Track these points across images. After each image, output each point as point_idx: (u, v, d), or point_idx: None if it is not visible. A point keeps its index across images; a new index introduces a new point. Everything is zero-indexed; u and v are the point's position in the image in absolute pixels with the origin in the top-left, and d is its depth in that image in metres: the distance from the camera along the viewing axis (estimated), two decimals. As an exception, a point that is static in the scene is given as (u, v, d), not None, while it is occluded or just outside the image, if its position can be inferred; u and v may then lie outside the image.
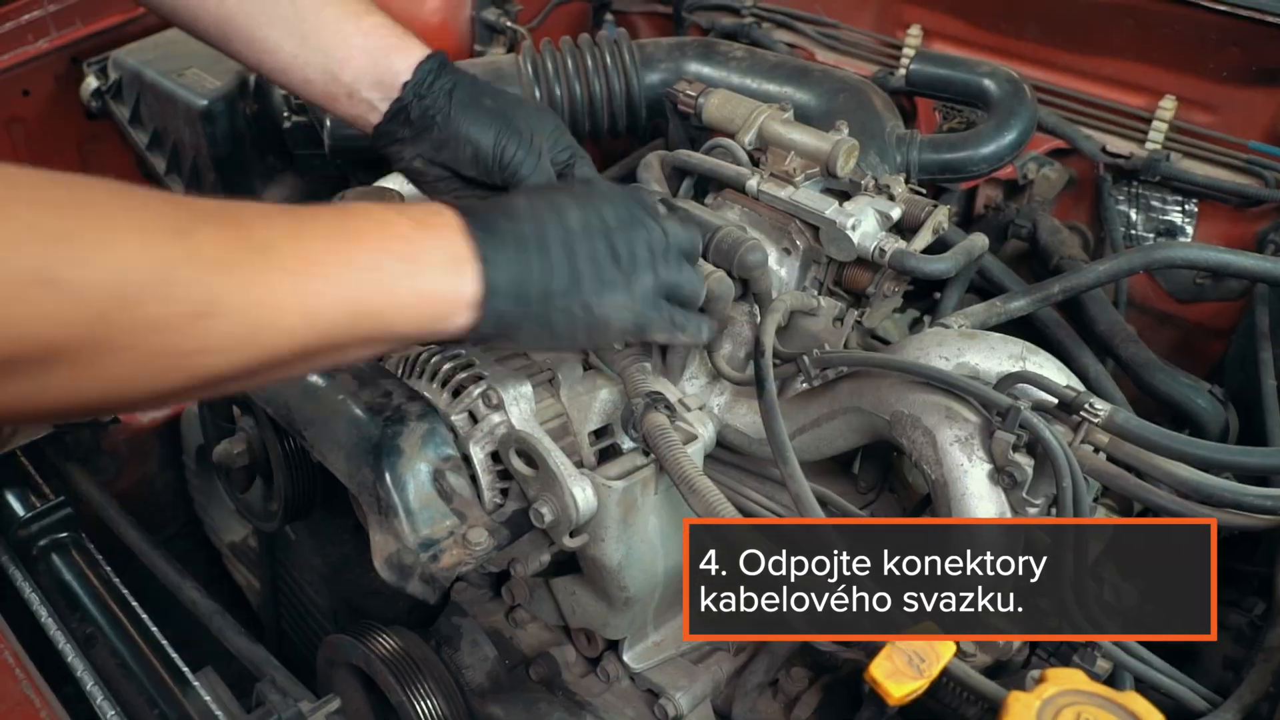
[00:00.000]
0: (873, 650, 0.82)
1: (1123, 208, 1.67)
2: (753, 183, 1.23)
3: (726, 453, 1.23)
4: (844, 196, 1.23)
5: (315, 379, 1.03)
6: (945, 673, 0.80)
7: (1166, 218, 1.64)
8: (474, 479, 1.02)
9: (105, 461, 1.77)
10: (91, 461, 1.69)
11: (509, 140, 1.05)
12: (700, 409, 1.09)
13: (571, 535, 0.98)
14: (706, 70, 1.58)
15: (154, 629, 0.95)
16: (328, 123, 1.63)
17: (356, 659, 1.20)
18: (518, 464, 0.98)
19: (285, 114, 1.78)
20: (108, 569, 1.01)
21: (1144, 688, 0.98)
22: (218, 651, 1.32)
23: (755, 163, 1.29)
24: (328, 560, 1.44)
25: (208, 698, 0.89)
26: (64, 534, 1.03)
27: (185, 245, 0.61)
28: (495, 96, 1.07)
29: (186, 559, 1.91)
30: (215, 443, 1.26)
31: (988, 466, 0.96)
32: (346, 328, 0.71)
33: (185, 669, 0.91)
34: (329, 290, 0.68)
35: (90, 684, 0.89)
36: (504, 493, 1.03)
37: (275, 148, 1.83)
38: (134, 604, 0.97)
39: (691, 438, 1.03)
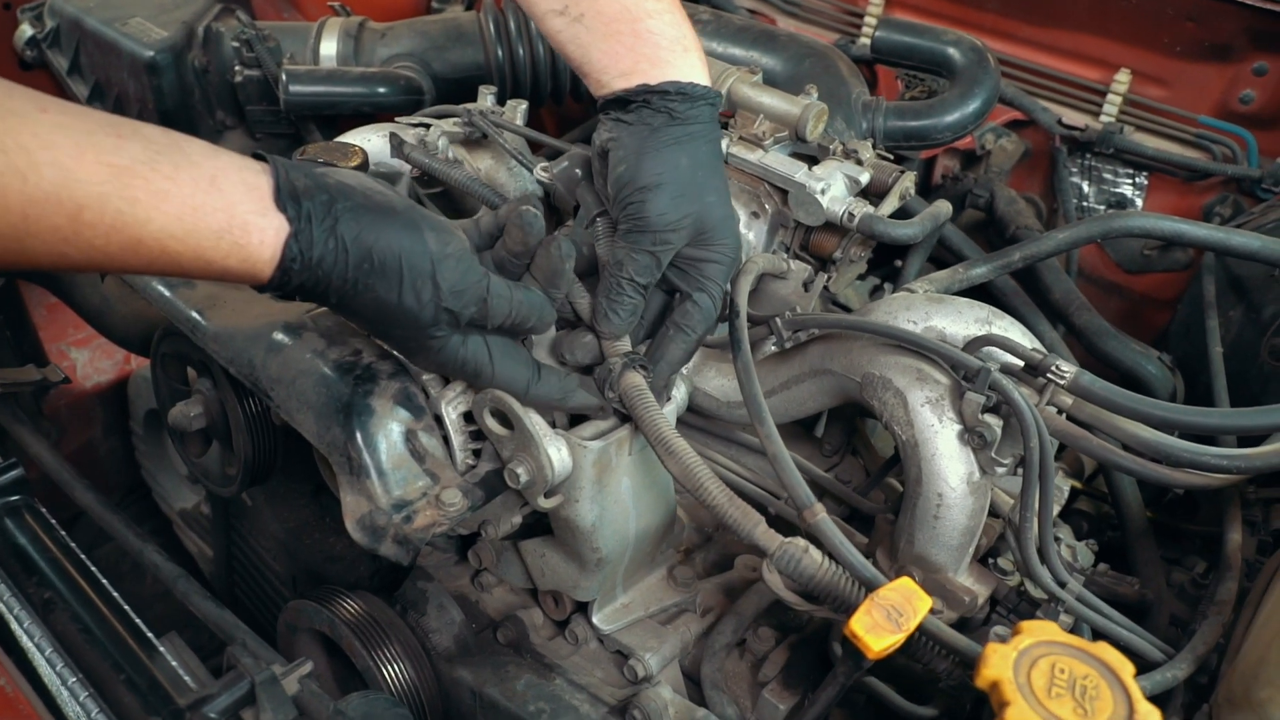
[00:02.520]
0: (850, 607, 0.84)
1: (1075, 179, 1.71)
2: (722, 145, 1.22)
3: (693, 416, 1.23)
4: (812, 161, 1.23)
5: (282, 336, 1.00)
6: (920, 628, 0.81)
7: (1118, 190, 1.68)
8: (446, 440, 1.00)
9: (46, 426, 1.71)
10: (32, 425, 1.63)
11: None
12: (673, 371, 1.08)
13: (547, 496, 0.97)
14: (671, 33, 1.56)
15: (114, 593, 0.92)
16: (283, 77, 1.58)
17: (321, 624, 1.18)
18: (493, 424, 0.97)
19: (237, 67, 1.72)
20: (63, 533, 0.98)
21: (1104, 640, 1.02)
22: (173, 619, 1.29)
23: (724, 125, 1.28)
24: (286, 526, 1.42)
25: (174, 663, 0.87)
26: (15, 497, 0.99)
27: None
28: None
29: (132, 527, 1.87)
30: (169, 406, 1.22)
31: (958, 427, 0.98)
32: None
33: (150, 634, 0.89)
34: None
35: (49, 650, 0.86)
36: (476, 454, 1.01)
37: (225, 102, 1.76)
38: (92, 568, 0.94)
39: (665, 399, 1.02)
